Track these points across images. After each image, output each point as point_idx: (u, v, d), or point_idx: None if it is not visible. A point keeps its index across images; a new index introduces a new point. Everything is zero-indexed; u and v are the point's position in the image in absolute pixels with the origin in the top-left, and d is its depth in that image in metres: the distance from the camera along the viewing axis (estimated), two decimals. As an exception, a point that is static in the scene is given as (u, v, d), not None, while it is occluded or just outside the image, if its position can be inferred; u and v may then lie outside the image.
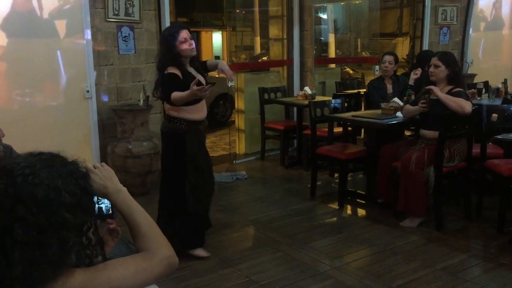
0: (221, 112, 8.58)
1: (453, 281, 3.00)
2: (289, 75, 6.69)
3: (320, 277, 3.09)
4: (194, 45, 3.27)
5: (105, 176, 1.27)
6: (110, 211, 1.26)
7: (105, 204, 1.25)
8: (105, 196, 1.25)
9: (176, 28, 3.28)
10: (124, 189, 1.29)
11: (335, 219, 4.19)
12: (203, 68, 3.54)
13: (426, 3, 6.72)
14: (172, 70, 3.22)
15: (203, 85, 3.13)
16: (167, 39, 3.24)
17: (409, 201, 3.79)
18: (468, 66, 6.98)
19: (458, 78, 3.86)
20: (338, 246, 3.57)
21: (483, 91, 5.38)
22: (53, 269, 1.02)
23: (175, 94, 3.14)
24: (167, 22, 5.13)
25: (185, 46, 3.21)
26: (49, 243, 1.00)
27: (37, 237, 0.99)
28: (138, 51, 5.03)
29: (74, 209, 1.05)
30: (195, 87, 3.01)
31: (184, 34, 3.22)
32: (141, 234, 1.24)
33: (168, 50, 3.24)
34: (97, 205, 1.22)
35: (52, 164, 1.07)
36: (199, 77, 3.29)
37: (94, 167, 1.28)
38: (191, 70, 3.35)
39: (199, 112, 3.34)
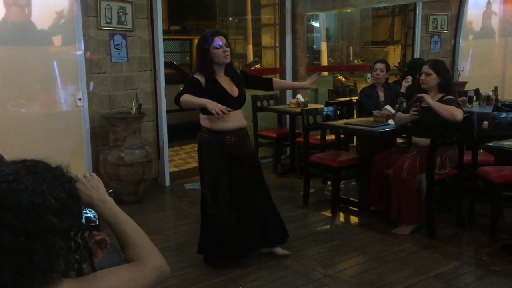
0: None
1: (445, 288, 3.01)
2: (282, 83, 6.70)
3: (313, 285, 3.08)
4: (229, 53, 3.16)
5: (92, 185, 1.26)
6: (97, 222, 1.25)
7: (91, 213, 1.24)
8: (90, 206, 1.25)
9: (211, 34, 3.17)
10: (110, 199, 1.28)
11: (328, 226, 4.19)
12: (264, 84, 3.48)
13: (417, 12, 6.77)
14: (196, 75, 3.17)
15: (233, 97, 3.15)
16: (202, 44, 3.15)
17: (402, 208, 3.80)
18: (459, 74, 7.03)
19: (449, 86, 3.89)
20: (331, 253, 3.57)
21: (474, 98, 5.41)
22: (42, 275, 1.02)
23: (185, 96, 3.08)
24: (159, 30, 5.15)
25: (218, 53, 3.12)
26: (36, 248, 1.00)
27: (25, 242, 0.99)
28: (131, 59, 5.03)
29: (60, 214, 1.05)
30: (218, 105, 2.98)
31: (218, 40, 3.12)
32: (130, 243, 1.24)
33: (201, 56, 3.17)
34: (84, 215, 1.21)
35: (35, 170, 1.07)
36: (231, 88, 3.20)
37: (84, 177, 1.27)
38: (225, 79, 3.22)
39: (224, 122, 3.14)
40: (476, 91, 5.59)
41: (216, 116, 3.01)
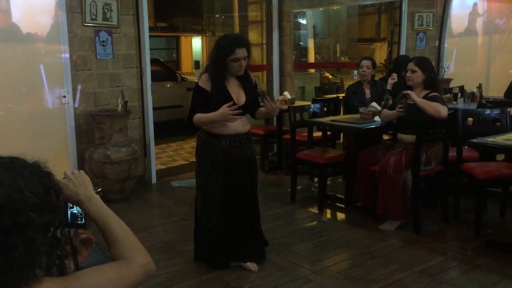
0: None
1: (430, 283, 3.03)
2: (269, 80, 6.71)
3: (300, 281, 3.09)
4: (244, 66, 3.05)
5: (79, 182, 1.25)
6: (83, 220, 1.24)
7: (77, 209, 1.24)
8: (77, 203, 1.24)
9: (235, 44, 3.00)
10: (97, 196, 1.27)
11: (315, 223, 4.21)
12: (253, 110, 3.28)
13: (403, 9, 6.82)
14: (202, 81, 3.08)
15: (237, 104, 3.01)
16: (222, 49, 3.03)
17: (388, 204, 3.83)
18: (444, 71, 7.10)
19: (434, 83, 3.92)
20: (318, 250, 3.58)
21: (459, 95, 5.47)
22: (23, 271, 1.01)
23: (197, 117, 3.01)
24: (145, 27, 5.11)
25: (234, 65, 3.02)
26: (15, 244, 0.99)
27: (3, 239, 0.98)
28: (116, 56, 4.98)
29: (39, 209, 1.04)
30: (226, 113, 2.88)
31: (239, 53, 2.98)
32: (116, 241, 1.22)
33: (216, 60, 3.06)
34: (69, 211, 1.20)
35: (12, 166, 1.06)
36: (237, 93, 3.10)
37: (72, 173, 1.27)
38: (234, 83, 3.12)
39: (222, 125, 3.04)
40: (461, 88, 5.66)
41: (233, 121, 2.97)
